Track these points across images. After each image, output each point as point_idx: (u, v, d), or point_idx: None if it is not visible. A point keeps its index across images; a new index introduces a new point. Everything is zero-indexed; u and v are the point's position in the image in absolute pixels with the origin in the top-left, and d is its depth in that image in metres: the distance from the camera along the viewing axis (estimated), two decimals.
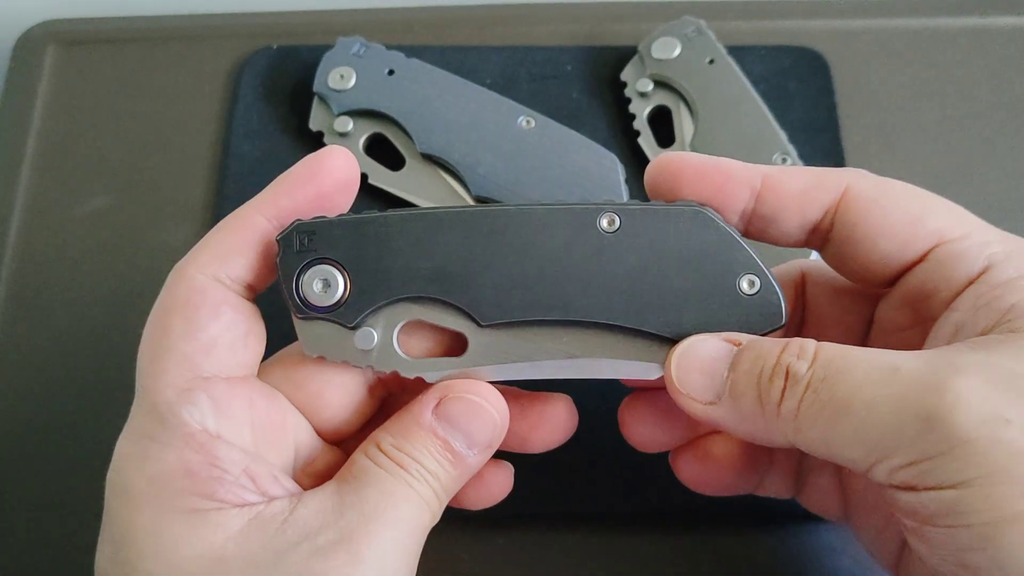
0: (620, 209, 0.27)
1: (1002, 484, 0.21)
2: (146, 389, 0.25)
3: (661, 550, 0.35)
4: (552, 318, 0.27)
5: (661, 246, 0.27)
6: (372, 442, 0.27)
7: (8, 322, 0.40)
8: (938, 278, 0.26)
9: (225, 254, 0.26)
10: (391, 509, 0.25)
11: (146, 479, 0.24)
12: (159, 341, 0.25)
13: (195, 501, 0.24)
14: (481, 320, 0.27)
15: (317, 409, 0.28)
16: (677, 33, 0.43)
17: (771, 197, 0.27)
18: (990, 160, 0.43)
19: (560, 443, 0.30)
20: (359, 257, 0.26)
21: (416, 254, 0.27)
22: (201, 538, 0.24)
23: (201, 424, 0.25)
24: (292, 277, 0.26)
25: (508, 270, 0.27)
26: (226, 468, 0.25)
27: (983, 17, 0.46)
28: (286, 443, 0.27)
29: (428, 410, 0.27)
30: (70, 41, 0.47)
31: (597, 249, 0.27)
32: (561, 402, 0.29)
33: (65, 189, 0.43)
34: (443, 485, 0.26)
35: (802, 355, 0.24)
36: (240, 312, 0.26)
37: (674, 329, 0.27)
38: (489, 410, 0.27)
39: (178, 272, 0.26)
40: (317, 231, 0.26)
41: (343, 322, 0.27)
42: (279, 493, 0.25)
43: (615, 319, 0.27)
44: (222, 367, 0.26)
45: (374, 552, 0.24)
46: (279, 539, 0.24)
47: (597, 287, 0.27)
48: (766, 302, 0.27)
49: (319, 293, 0.26)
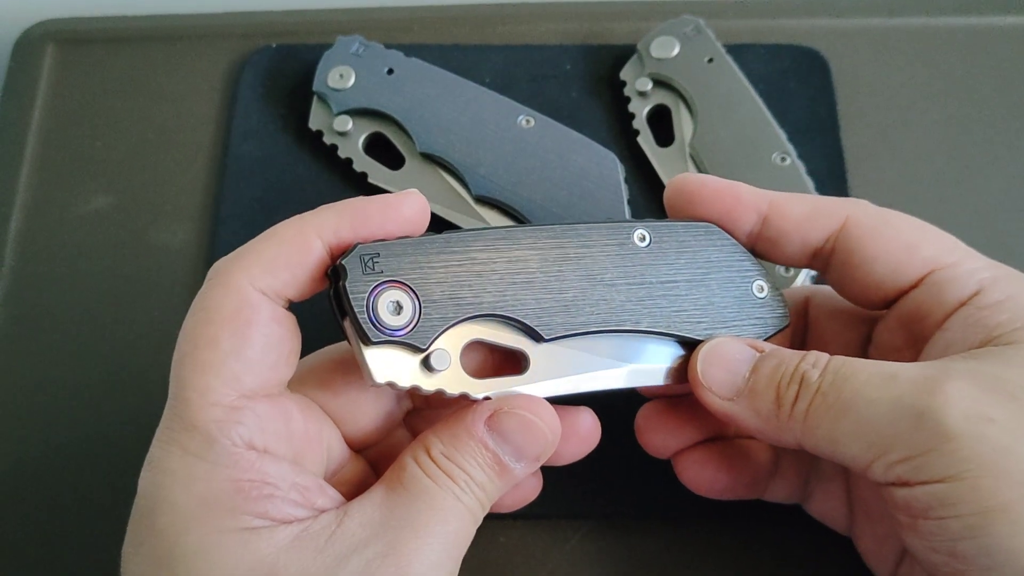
0: (648, 225, 0.29)
1: (987, 477, 0.23)
2: (188, 403, 0.25)
3: (665, 550, 0.35)
4: (606, 328, 0.28)
5: (686, 258, 0.29)
6: (422, 447, 0.27)
7: (8, 322, 0.40)
8: (931, 302, 0.28)
9: (276, 268, 0.26)
10: (440, 523, 0.25)
11: (195, 498, 0.24)
12: (205, 353, 0.25)
13: (246, 520, 0.24)
14: (545, 335, 0.27)
15: (350, 418, 0.29)
16: (676, 32, 0.43)
17: (776, 221, 0.29)
18: (990, 159, 0.43)
19: (583, 456, 0.30)
20: (425, 278, 0.26)
21: (478, 273, 0.27)
22: (252, 555, 0.24)
23: (249, 443, 0.25)
24: (364, 301, 0.25)
25: (562, 285, 0.28)
26: (276, 484, 0.25)
27: (983, 17, 0.46)
28: (321, 453, 0.27)
29: (481, 422, 0.27)
30: (70, 41, 0.47)
31: (635, 262, 0.28)
32: (587, 415, 0.30)
33: (65, 189, 0.43)
34: (488, 495, 0.27)
35: (816, 364, 0.27)
36: (286, 328, 0.26)
37: (704, 332, 0.29)
38: (542, 427, 0.27)
39: (224, 278, 0.25)
40: (382, 253, 0.26)
41: (417, 343, 0.26)
42: (326, 504, 0.26)
43: (656, 326, 0.28)
44: (265, 384, 0.26)
45: (423, 566, 0.24)
46: (328, 552, 0.24)
47: (638, 298, 0.28)
48: (775, 305, 0.30)
49: (391, 315, 0.26)
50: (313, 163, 0.43)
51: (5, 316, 0.40)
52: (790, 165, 0.40)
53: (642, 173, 0.42)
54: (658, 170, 0.41)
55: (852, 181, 0.42)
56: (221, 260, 0.26)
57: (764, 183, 0.39)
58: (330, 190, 0.42)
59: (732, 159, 0.40)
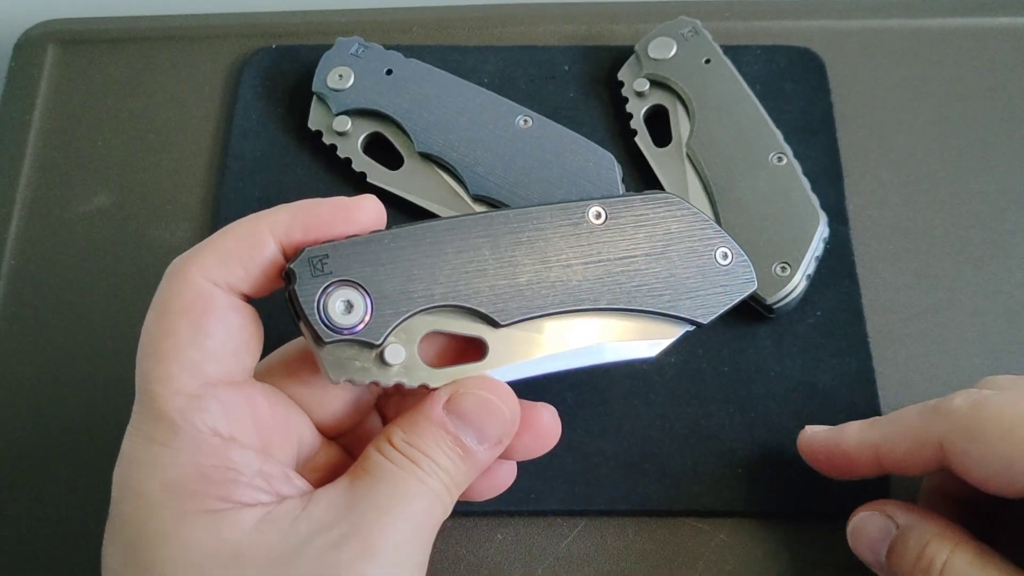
0: (604, 202, 0.29)
1: None
2: (152, 394, 0.25)
3: (660, 548, 0.35)
4: (563, 309, 0.28)
5: (645, 232, 0.29)
6: (384, 437, 0.27)
7: (8, 322, 0.40)
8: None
9: (229, 262, 0.26)
10: (404, 504, 0.25)
11: (160, 485, 0.24)
12: (164, 344, 0.25)
13: (210, 503, 0.24)
14: (500, 320, 0.27)
15: (319, 406, 0.29)
16: (673, 33, 0.43)
17: (890, 466, 0.31)
18: (986, 160, 0.43)
19: (541, 453, 0.30)
20: (376, 274, 0.27)
21: (430, 265, 0.27)
22: (216, 537, 0.24)
23: (213, 429, 0.25)
24: (313, 303, 0.26)
25: (516, 270, 0.28)
26: (240, 470, 0.25)
27: (980, 17, 0.46)
28: (290, 441, 0.27)
29: (439, 406, 0.27)
30: (70, 41, 0.47)
31: (591, 241, 0.29)
32: (545, 411, 0.30)
33: (65, 189, 0.43)
34: (454, 480, 0.27)
35: (931, 567, 0.28)
36: (244, 317, 0.26)
37: (668, 305, 0.29)
38: (499, 405, 0.27)
39: (178, 273, 0.26)
40: (330, 254, 0.26)
41: (371, 340, 0.26)
42: (291, 492, 0.26)
43: (616, 303, 0.29)
44: (228, 372, 0.26)
45: (387, 544, 0.24)
46: (293, 534, 0.24)
47: (596, 276, 0.28)
48: (740, 270, 0.30)
49: (343, 314, 0.26)
50: (312, 163, 0.43)
51: (5, 316, 0.40)
52: (786, 165, 0.40)
53: (639, 173, 0.42)
54: (655, 170, 0.42)
55: (848, 180, 0.42)
56: (177, 257, 0.26)
57: (761, 183, 0.39)
58: (329, 190, 0.42)
59: (729, 159, 0.40)
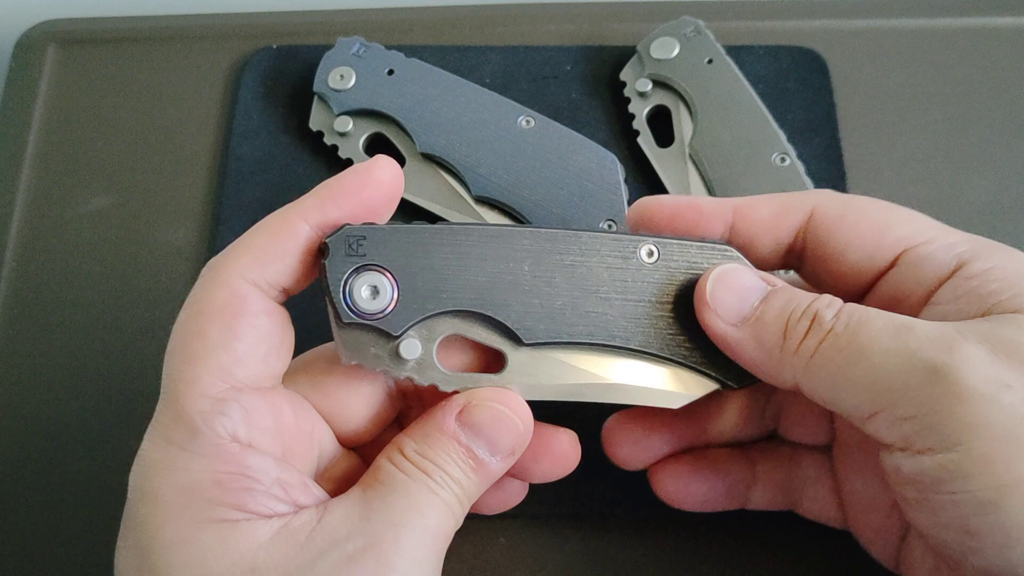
0: (658, 241, 0.28)
1: (1002, 447, 0.22)
2: (176, 394, 0.25)
3: (663, 552, 0.35)
4: (592, 342, 0.27)
5: (695, 280, 0.28)
6: (396, 448, 0.27)
7: (8, 322, 0.40)
8: (909, 281, 0.27)
9: (266, 258, 0.26)
10: (417, 516, 0.25)
11: (175, 489, 0.24)
12: (193, 345, 0.25)
13: (225, 512, 0.24)
14: (524, 338, 0.27)
15: (342, 417, 0.28)
16: (676, 33, 0.43)
17: (743, 227, 0.29)
18: (988, 160, 0.43)
19: (559, 477, 0.30)
20: (409, 266, 0.26)
21: (466, 268, 0.27)
22: (232, 548, 0.24)
23: (233, 435, 0.25)
24: (340, 281, 0.26)
25: (553, 291, 0.27)
26: (257, 478, 0.25)
27: (982, 17, 0.46)
28: (312, 450, 0.27)
29: (451, 417, 0.27)
30: (70, 41, 0.47)
31: (637, 278, 0.28)
32: (566, 437, 0.29)
33: (65, 189, 0.43)
34: (466, 491, 0.27)
35: (830, 305, 0.26)
36: (276, 321, 0.26)
37: (702, 361, 0.28)
38: (512, 418, 0.27)
39: (215, 272, 0.26)
40: (368, 237, 0.26)
41: (389, 330, 0.26)
42: (309, 502, 0.25)
43: (649, 347, 0.28)
44: (255, 376, 0.26)
45: (403, 558, 0.24)
46: (309, 547, 0.24)
47: (633, 315, 0.28)
48: None
49: (367, 299, 0.26)
50: (313, 163, 0.43)
51: (5, 316, 0.40)
52: (789, 165, 0.40)
53: (642, 174, 0.42)
54: (658, 171, 0.41)
55: (851, 181, 0.42)
56: (215, 256, 0.26)
57: (764, 183, 0.39)
58: None
59: (732, 160, 0.40)
